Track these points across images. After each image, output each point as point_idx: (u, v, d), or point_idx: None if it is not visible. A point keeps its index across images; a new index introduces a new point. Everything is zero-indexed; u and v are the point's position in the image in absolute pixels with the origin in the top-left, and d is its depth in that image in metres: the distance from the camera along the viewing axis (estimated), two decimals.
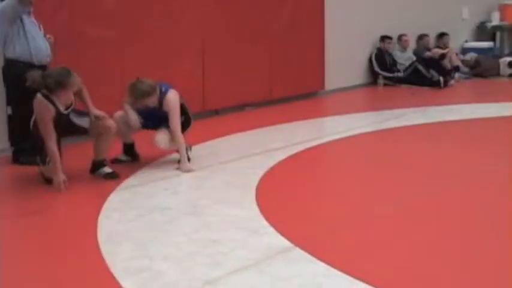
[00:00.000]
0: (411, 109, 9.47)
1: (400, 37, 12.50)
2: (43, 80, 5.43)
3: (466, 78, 12.98)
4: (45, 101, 5.42)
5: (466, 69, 13.21)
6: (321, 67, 10.83)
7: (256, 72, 9.67)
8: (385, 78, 12.14)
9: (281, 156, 6.63)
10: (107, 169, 5.83)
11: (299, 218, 4.80)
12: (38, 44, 6.29)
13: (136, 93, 6.04)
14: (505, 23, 14.82)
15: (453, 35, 13.67)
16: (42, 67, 6.18)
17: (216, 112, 9.04)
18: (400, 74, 12.10)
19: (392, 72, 12.14)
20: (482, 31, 15.02)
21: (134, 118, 6.17)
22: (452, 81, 12.18)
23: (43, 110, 5.40)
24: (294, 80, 10.31)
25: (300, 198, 5.28)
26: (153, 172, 6.04)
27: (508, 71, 13.10)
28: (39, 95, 5.43)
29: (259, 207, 4.94)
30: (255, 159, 6.51)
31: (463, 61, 13.37)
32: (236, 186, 5.55)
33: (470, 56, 13.54)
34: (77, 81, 5.56)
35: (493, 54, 13.93)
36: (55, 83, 5.42)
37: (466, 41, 14.55)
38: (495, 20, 14.89)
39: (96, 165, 5.85)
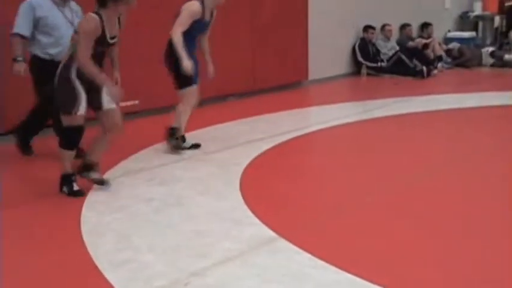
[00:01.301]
0: (395, 99, 9.50)
1: (383, 27, 12.51)
2: None
3: (449, 67, 13.03)
4: (97, 19, 4.87)
5: (448, 59, 13.26)
6: (304, 57, 10.82)
7: (239, 62, 9.65)
8: (369, 68, 12.15)
9: (265, 146, 6.62)
10: (95, 174, 5.26)
11: (283, 208, 4.80)
12: (63, 41, 5.83)
13: None
14: (487, 13, 14.88)
15: (436, 25, 13.70)
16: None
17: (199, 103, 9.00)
18: (384, 64, 12.12)
19: (376, 62, 12.16)
20: (465, 21, 15.07)
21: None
22: (435, 71, 12.22)
23: (90, 23, 4.84)
24: (277, 70, 10.30)
25: (284, 189, 5.27)
26: (136, 163, 6.02)
27: (490, 60, 13.16)
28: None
29: (244, 197, 4.94)
30: (239, 149, 6.49)
31: (446, 51, 13.42)
32: (220, 177, 5.54)
33: (453, 45, 13.58)
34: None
35: (476, 44, 13.99)
36: None
37: (449, 31, 14.60)
38: (477, 10, 14.94)
39: (86, 167, 5.24)
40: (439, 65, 12.71)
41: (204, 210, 4.70)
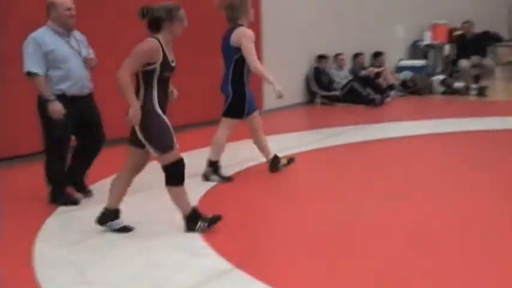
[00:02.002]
0: (350, 127, 9.61)
1: (336, 56, 12.69)
2: (148, 14, 4.70)
3: (402, 96, 13.24)
4: (156, 41, 4.68)
5: (400, 87, 13.48)
6: (258, 87, 10.89)
7: (192, 93, 9.64)
8: (323, 97, 12.29)
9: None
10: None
11: (239, 238, 4.80)
12: (73, 74, 5.62)
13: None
14: (437, 42, 15.19)
15: (388, 54, 13.94)
16: (79, 99, 5.67)
17: None
18: (337, 93, 12.26)
19: (330, 90, 12.30)
20: (416, 50, 15.37)
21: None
22: (388, 99, 12.41)
23: (147, 43, 4.66)
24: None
25: (239, 219, 5.27)
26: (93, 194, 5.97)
27: (441, 88, 13.42)
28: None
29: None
30: (196, 179, 6.47)
31: (402, 82, 13.61)
32: (175, 208, 5.51)
33: (406, 75, 13.81)
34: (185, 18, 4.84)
35: (426, 73, 14.26)
36: (164, 10, 4.73)
37: (401, 60, 14.86)
38: (427, 39, 15.25)
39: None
40: (392, 93, 12.91)
41: (160, 241, 4.67)
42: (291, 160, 7.01)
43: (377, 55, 13.63)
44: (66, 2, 5.65)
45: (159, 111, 4.69)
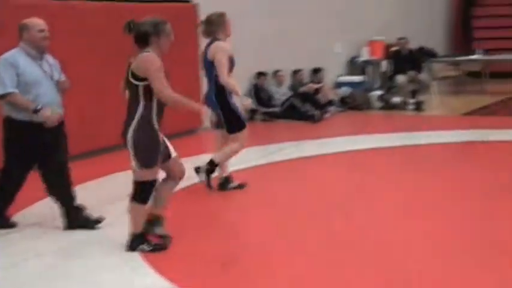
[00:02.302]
0: (290, 143, 9.66)
1: (275, 73, 12.78)
2: (134, 28, 4.85)
3: (341, 111, 13.38)
4: (155, 54, 4.83)
5: (339, 103, 13.63)
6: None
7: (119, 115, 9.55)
8: (263, 113, 12.34)
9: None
10: (160, 229, 5.12)
11: (178, 257, 4.77)
12: (44, 99, 5.40)
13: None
14: (374, 58, 15.44)
15: (327, 70, 14.09)
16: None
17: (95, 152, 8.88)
18: (277, 109, 12.33)
19: (269, 107, 12.36)
20: (354, 66, 15.57)
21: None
22: (327, 115, 12.53)
23: (156, 59, 4.82)
24: (171, 117, 10.24)
25: (178, 237, 5.24)
26: (27, 216, 5.85)
27: (379, 104, 13.62)
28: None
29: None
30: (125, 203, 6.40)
31: (341, 98, 13.75)
32: (115, 227, 5.45)
33: (345, 91, 13.96)
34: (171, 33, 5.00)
35: (365, 88, 14.45)
36: (152, 25, 4.89)
37: (340, 76, 15.03)
38: (365, 55, 15.48)
39: (153, 221, 5.07)
40: (331, 109, 13.03)
41: (99, 261, 4.62)
42: (242, 185, 6.99)
43: (316, 71, 13.75)
44: (39, 23, 5.46)
45: (156, 125, 4.81)
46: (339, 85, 14.42)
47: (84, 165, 7.67)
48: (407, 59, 13.77)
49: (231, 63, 6.55)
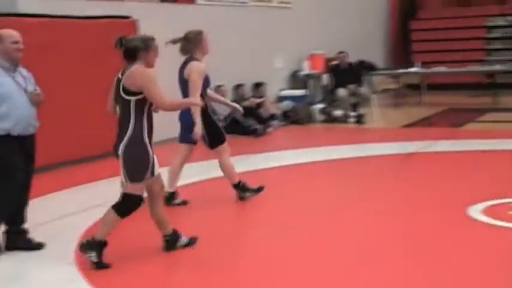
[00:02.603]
0: (232, 158, 9.59)
1: (217, 88, 12.73)
2: (125, 44, 5.03)
3: (283, 125, 13.42)
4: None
5: (282, 117, 13.67)
6: None
7: (65, 130, 9.40)
8: None
9: (101, 213, 6.47)
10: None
11: (119, 276, 4.69)
12: (17, 112, 5.25)
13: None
14: (315, 71, 15.56)
15: (269, 84, 14.13)
16: (23, 139, 5.32)
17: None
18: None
19: None
20: (296, 80, 15.66)
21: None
22: (270, 129, 12.54)
23: (149, 71, 4.99)
24: (107, 136, 10.08)
25: (121, 256, 5.15)
26: None
27: (321, 117, 13.71)
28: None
29: (79, 268, 4.79)
30: (73, 218, 6.29)
31: (283, 112, 13.79)
32: (55, 248, 5.33)
33: (287, 105, 14.02)
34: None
35: (307, 102, 14.54)
36: (141, 41, 5.06)
37: (282, 90, 15.08)
38: (306, 69, 15.59)
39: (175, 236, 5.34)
40: (274, 123, 13.06)
41: (40, 282, 4.52)
42: (185, 202, 7.04)
43: (257, 86, 13.76)
44: (13, 34, 5.34)
45: (147, 140, 4.95)
46: (281, 99, 14.48)
47: None
48: (347, 73, 13.92)
49: (207, 81, 6.71)
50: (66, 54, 9.29)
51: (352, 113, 13.49)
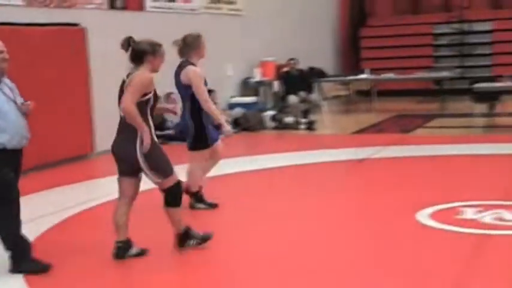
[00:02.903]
0: (185, 165, 9.56)
1: (168, 95, 12.66)
2: (133, 45, 5.17)
3: (235, 132, 13.39)
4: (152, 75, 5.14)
5: (233, 124, 13.63)
6: (88, 130, 10.65)
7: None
8: (157, 136, 12.17)
9: (51, 222, 6.39)
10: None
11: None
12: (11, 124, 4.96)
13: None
14: (266, 78, 15.61)
15: (220, 91, 14.09)
16: (18, 152, 5.05)
17: None
18: (171, 132, 12.22)
19: (163, 130, 12.24)
20: (247, 87, 15.68)
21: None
22: (220, 136, 12.49)
23: (149, 76, 5.16)
24: (60, 144, 9.99)
25: (69, 268, 5.08)
26: None
27: (272, 124, 13.75)
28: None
29: (28, 283, 4.72)
30: (34, 223, 6.19)
31: (234, 120, 13.76)
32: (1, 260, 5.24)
33: (238, 112, 14.01)
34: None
35: (258, 109, 14.57)
36: (149, 45, 5.20)
37: (233, 97, 15.08)
38: (257, 76, 15.62)
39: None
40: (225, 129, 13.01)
41: None
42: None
43: (208, 93, 13.70)
44: None
45: (155, 138, 5.21)
46: (232, 106, 14.47)
47: None
48: (298, 80, 14.00)
49: (205, 84, 6.84)
50: (10, 63, 9.12)
51: (303, 120, 13.57)
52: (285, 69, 14.65)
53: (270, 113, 14.13)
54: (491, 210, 6.43)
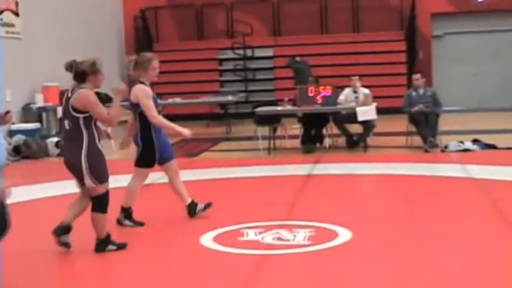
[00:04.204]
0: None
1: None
2: (76, 67, 5.83)
3: (15, 160, 12.76)
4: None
5: (13, 152, 12.97)
6: None
7: None
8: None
9: None
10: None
11: None
12: None
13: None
14: (49, 104, 15.09)
15: None
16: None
17: None
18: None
19: None
20: (28, 113, 15.06)
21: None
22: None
23: (91, 95, 5.79)
24: None
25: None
26: None
27: (56, 150, 13.26)
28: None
29: None
30: None
31: (14, 147, 13.05)
32: None
33: (18, 139, 13.35)
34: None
35: (41, 135, 14.02)
36: (89, 66, 5.84)
37: (13, 123, 14.37)
38: (39, 102, 15.07)
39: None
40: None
41: None
42: (208, 205, 7.30)
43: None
44: None
45: (100, 147, 5.82)
46: (12, 133, 13.75)
47: None
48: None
49: (155, 102, 6.96)
50: None
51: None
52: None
53: (54, 139, 13.64)
54: (271, 231, 6.61)
